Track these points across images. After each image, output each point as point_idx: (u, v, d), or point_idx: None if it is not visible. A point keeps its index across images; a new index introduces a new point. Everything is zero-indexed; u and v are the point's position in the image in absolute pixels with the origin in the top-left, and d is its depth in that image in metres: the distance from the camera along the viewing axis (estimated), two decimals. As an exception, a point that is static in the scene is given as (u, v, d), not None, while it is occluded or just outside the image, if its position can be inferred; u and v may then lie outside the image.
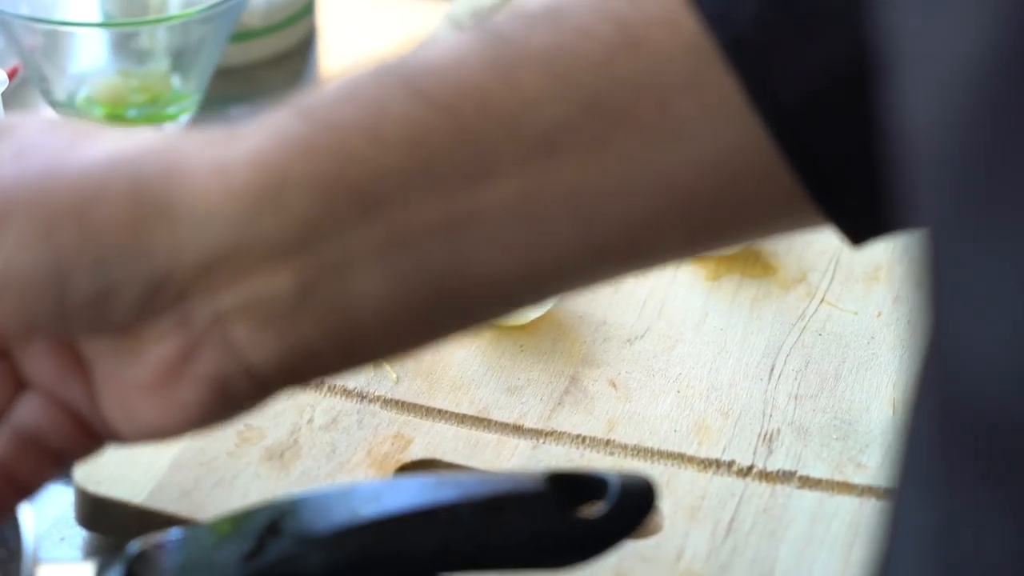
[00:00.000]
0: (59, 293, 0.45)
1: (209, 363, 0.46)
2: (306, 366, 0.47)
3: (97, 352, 0.47)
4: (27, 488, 0.49)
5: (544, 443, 0.66)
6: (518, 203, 0.46)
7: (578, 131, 0.46)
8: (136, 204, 0.45)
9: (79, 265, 0.45)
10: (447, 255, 0.46)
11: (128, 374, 0.47)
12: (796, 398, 0.68)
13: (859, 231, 0.49)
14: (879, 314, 0.73)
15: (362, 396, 0.67)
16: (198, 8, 0.84)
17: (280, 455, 0.64)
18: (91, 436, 0.48)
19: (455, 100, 0.46)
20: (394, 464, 0.64)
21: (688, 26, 0.47)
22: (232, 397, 0.47)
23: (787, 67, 0.46)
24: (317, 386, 0.66)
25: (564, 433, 0.66)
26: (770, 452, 0.65)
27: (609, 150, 0.46)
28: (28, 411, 0.48)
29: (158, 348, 0.46)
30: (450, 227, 0.46)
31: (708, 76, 0.46)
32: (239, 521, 0.52)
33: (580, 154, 0.46)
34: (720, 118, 0.47)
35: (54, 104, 0.87)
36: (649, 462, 0.65)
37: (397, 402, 0.67)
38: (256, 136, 0.46)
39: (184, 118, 0.88)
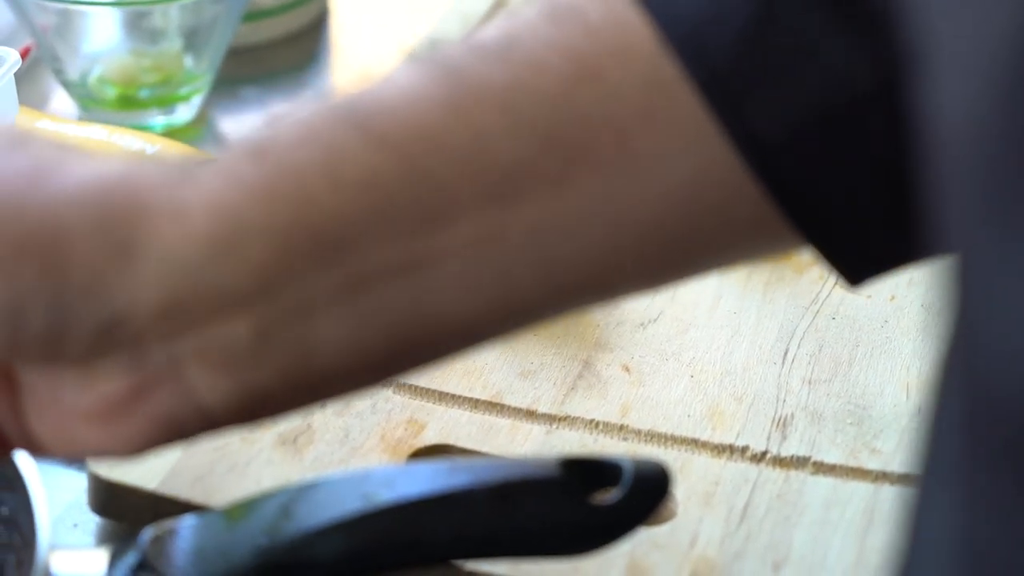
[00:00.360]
0: (13, 327, 0.44)
1: (161, 403, 0.45)
2: (260, 407, 0.46)
3: (34, 372, 0.46)
4: None
5: (557, 428, 0.65)
6: (477, 244, 0.45)
7: (536, 169, 0.45)
8: (100, 245, 0.44)
9: (37, 301, 0.44)
10: (407, 299, 0.45)
11: (72, 402, 0.46)
12: (810, 383, 0.68)
13: (857, 270, 0.48)
14: (892, 298, 0.73)
15: (375, 380, 0.67)
16: (210, -12, 0.84)
17: (293, 440, 0.64)
18: (2, 446, 0.48)
19: (409, 141, 0.45)
20: (407, 449, 0.64)
21: (643, 55, 0.46)
22: (179, 432, 0.46)
23: (767, 101, 0.45)
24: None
25: (577, 418, 0.66)
26: (784, 437, 0.65)
27: (569, 187, 0.45)
28: None
29: (108, 384, 0.45)
30: (410, 270, 0.45)
31: (666, 107, 0.45)
32: (252, 507, 0.52)
33: (539, 192, 0.45)
34: (681, 150, 0.46)
35: (66, 84, 0.87)
36: (663, 447, 0.65)
37: (410, 387, 0.67)
38: (214, 180, 0.45)
39: (196, 98, 0.88)
